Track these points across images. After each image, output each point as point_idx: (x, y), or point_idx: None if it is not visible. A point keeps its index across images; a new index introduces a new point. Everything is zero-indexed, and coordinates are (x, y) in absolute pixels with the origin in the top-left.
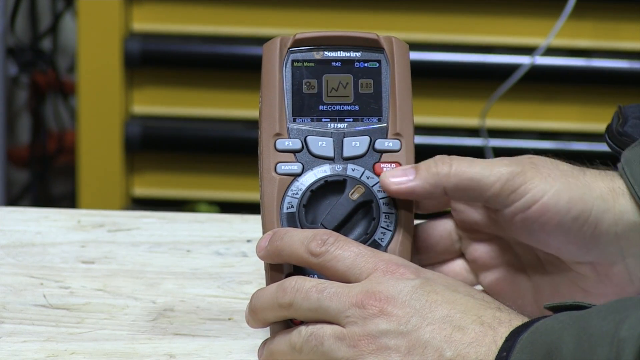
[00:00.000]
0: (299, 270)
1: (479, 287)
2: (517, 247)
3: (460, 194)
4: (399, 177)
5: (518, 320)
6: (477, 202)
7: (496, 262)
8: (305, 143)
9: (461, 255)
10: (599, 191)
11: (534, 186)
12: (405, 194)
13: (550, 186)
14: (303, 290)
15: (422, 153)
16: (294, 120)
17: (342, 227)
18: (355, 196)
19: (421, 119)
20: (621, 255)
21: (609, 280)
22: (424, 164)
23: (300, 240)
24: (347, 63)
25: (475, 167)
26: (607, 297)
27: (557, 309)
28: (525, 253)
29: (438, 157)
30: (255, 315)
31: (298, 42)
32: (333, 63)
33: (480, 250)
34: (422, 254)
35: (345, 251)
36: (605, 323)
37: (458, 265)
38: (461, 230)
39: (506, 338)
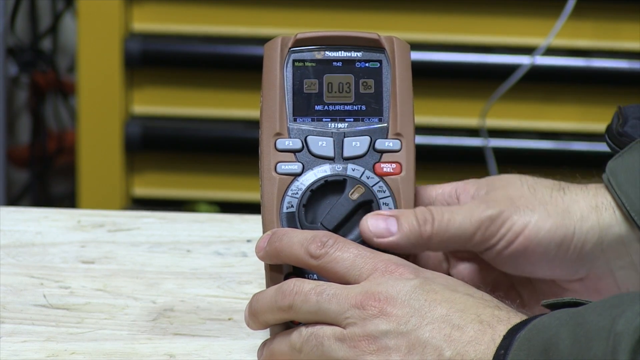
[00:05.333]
0: (298, 270)
1: None
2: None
3: (443, 248)
4: (381, 229)
5: (516, 318)
6: (460, 250)
7: (484, 281)
8: (305, 143)
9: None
10: (579, 212)
11: (514, 222)
12: (387, 248)
13: (529, 218)
14: (302, 292)
15: (422, 153)
16: (295, 120)
17: (341, 226)
18: (355, 196)
19: (421, 119)
20: (609, 269)
21: (598, 293)
22: (405, 220)
23: (299, 242)
24: (348, 63)
25: (455, 218)
26: None
27: (554, 306)
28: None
29: (419, 211)
30: (255, 318)
31: (299, 42)
32: (334, 63)
33: (467, 269)
34: None
35: (345, 253)
36: (602, 318)
37: None
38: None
39: (504, 336)
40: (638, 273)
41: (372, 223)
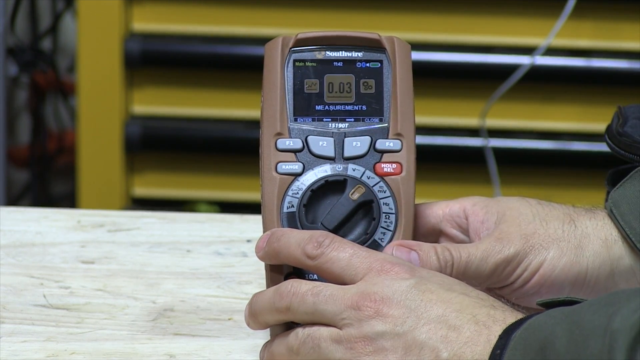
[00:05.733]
0: (298, 270)
1: None
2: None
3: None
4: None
5: (512, 318)
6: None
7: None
8: (306, 143)
9: None
10: (591, 247)
11: (529, 262)
12: None
13: (544, 257)
14: (299, 294)
15: (422, 153)
16: (295, 120)
17: (342, 227)
18: (356, 196)
19: (421, 119)
20: None
21: None
22: (427, 258)
23: (297, 243)
24: (348, 63)
25: (473, 261)
26: None
27: (549, 304)
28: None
29: (440, 250)
30: (254, 318)
31: (300, 42)
32: (335, 63)
33: None
34: None
35: (341, 252)
36: (597, 316)
37: None
38: None
39: (500, 336)
40: None
41: (397, 255)
